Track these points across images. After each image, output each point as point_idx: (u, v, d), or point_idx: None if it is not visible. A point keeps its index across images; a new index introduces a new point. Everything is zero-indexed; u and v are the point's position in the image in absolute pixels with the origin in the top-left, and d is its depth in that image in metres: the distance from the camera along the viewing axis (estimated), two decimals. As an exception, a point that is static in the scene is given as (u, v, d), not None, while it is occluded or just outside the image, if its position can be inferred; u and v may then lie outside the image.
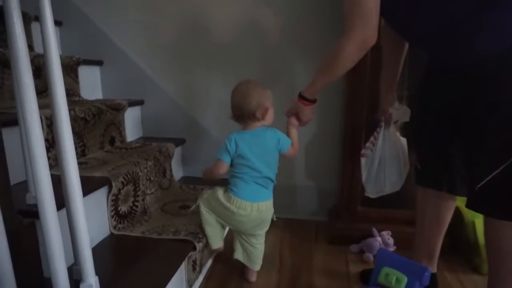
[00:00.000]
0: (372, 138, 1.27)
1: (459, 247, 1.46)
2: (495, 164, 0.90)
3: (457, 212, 1.44)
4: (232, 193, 1.17)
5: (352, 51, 0.98)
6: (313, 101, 1.15)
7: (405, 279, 1.03)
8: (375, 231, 1.49)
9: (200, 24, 1.72)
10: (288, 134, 1.22)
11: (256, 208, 1.16)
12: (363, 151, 1.29)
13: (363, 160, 1.28)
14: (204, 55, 1.75)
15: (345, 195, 1.55)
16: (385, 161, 1.24)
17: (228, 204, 1.16)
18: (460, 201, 1.43)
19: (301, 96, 1.15)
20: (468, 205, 0.99)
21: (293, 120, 1.21)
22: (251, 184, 1.16)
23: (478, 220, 1.32)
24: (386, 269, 1.08)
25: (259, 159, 1.16)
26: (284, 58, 1.69)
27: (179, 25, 1.75)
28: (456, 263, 1.40)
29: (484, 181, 0.92)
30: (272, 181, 1.21)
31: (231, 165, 1.19)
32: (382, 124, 1.24)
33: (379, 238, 1.47)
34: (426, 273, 1.02)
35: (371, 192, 1.30)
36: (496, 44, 0.86)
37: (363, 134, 1.48)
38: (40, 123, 0.65)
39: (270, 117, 1.18)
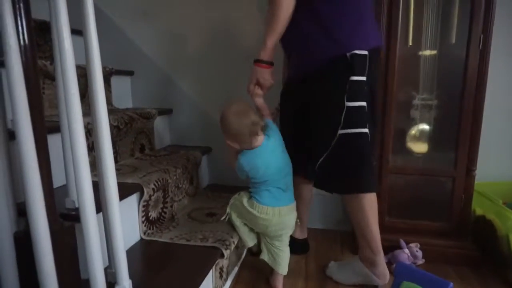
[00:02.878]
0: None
1: (492, 260, 1.41)
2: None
3: (490, 225, 1.40)
4: (254, 200, 1.22)
5: (288, 2, 1.13)
6: (271, 64, 1.21)
7: None
8: (403, 242, 1.46)
9: (229, 34, 1.76)
10: (256, 106, 1.26)
11: (278, 213, 1.20)
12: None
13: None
14: (232, 64, 1.78)
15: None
16: None
17: (250, 209, 1.22)
18: (494, 214, 1.40)
19: (258, 60, 1.21)
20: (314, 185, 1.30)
21: (257, 90, 1.26)
22: (272, 190, 1.21)
23: (512, 234, 1.28)
24: (406, 284, 1.06)
25: (276, 169, 1.19)
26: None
27: (207, 35, 1.79)
28: (488, 277, 1.35)
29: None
30: (290, 180, 1.25)
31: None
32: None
33: (407, 250, 1.44)
34: None
35: None
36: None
37: (391, 142, 1.47)
38: (84, 131, 0.69)
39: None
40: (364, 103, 1.16)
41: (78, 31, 0.74)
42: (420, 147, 1.52)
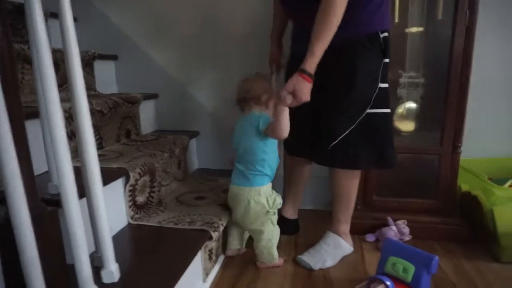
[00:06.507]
0: None
1: (478, 235, 1.44)
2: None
3: (476, 201, 1.42)
4: None
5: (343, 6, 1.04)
6: (313, 78, 1.08)
7: (412, 268, 1.03)
8: (390, 220, 1.48)
9: (215, 17, 1.73)
10: (276, 112, 1.14)
11: (231, 190, 1.27)
12: None
13: None
14: (219, 47, 1.75)
15: (360, 184, 1.53)
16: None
17: None
18: (480, 190, 1.42)
19: (303, 71, 1.06)
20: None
21: (288, 98, 1.08)
22: (236, 165, 1.27)
23: (496, 208, 1.30)
24: (392, 259, 1.08)
25: (239, 141, 1.26)
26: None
27: (193, 18, 1.75)
28: (474, 251, 1.39)
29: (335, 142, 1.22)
30: (254, 166, 1.22)
31: None
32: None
33: (394, 227, 1.46)
34: (434, 262, 1.01)
35: None
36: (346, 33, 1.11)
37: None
38: (62, 114, 0.67)
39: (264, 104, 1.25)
40: (387, 85, 1.23)
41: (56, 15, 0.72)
42: (407, 126, 1.53)
